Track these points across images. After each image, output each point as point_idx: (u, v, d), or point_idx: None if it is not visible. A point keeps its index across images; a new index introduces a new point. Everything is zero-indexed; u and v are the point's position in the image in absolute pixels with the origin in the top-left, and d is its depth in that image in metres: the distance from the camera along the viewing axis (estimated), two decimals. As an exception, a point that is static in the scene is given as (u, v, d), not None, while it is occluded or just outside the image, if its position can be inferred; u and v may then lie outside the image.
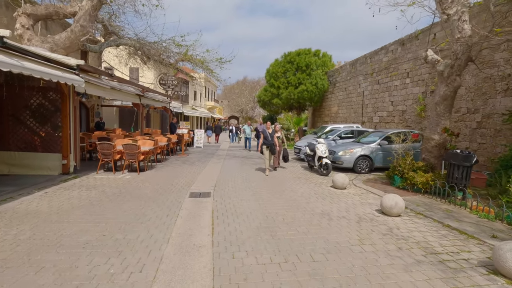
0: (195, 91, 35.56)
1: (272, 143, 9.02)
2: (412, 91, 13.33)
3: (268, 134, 9.06)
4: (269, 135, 9.04)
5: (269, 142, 9.01)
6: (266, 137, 9.03)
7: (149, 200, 5.77)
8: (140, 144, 9.30)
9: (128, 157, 8.32)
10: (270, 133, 9.12)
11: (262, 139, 9.11)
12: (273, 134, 9.21)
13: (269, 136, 9.04)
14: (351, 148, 9.53)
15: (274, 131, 9.38)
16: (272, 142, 9.04)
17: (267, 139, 9.02)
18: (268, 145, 9.02)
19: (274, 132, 9.32)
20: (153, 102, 15.00)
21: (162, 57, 12.92)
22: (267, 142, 9.03)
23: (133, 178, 7.85)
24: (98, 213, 4.90)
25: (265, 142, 9.06)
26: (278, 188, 7.14)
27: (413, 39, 13.33)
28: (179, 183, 7.48)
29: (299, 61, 22.04)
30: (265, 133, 9.06)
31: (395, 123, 14.51)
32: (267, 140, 9.03)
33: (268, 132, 9.09)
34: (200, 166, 10.32)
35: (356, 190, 7.09)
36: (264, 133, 9.05)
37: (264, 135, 9.05)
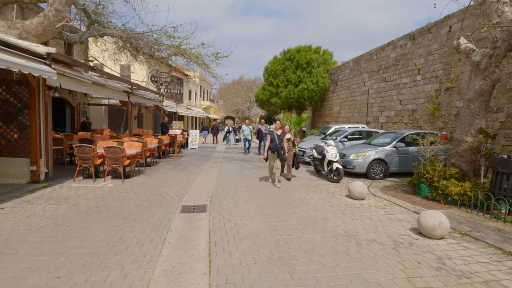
0: (189, 90, 34.38)
1: (281, 147, 7.32)
2: (424, 89, 12.40)
3: (276, 136, 7.38)
4: (277, 138, 7.36)
5: (277, 146, 7.29)
6: (273, 140, 7.38)
7: (131, 217, 4.67)
8: (126, 146, 8.18)
9: (111, 162, 7.20)
10: (279, 135, 7.43)
11: (269, 142, 7.41)
12: (282, 136, 7.47)
13: (277, 138, 7.34)
14: (364, 151, 8.52)
15: (284, 132, 7.67)
16: (281, 146, 7.35)
17: (274, 142, 7.38)
18: (275, 150, 7.33)
19: (283, 134, 7.58)
20: (143, 100, 13.85)
21: (152, 50, 11.78)
22: (273, 145, 7.36)
23: (116, 187, 6.73)
24: (61, 239, 3.79)
25: (272, 147, 7.37)
26: (286, 199, 6.08)
27: (425, 32, 12.40)
28: (169, 193, 6.38)
29: (299, 58, 21.05)
30: (273, 135, 7.37)
31: (404, 123, 13.58)
32: (273, 143, 7.39)
33: (276, 133, 7.42)
34: (194, 171, 9.22)
35: (377, 201, 6.07)
36: (271, 135, 7.39)
37: (271, 137, 7.39)
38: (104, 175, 7.32)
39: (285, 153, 7.41)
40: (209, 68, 12.92)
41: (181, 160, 11.70)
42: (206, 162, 11.48)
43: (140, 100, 13.39)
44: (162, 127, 13.86)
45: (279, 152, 7.26)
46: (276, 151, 7.31)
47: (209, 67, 12.89)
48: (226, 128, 21.30)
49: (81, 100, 15.90)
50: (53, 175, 7.15)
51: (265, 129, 13.39)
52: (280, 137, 7.41)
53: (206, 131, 24.42)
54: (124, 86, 11.43)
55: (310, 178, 8.53)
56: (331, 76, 20.90)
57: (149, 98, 14.45)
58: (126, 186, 6.89)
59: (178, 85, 27.15)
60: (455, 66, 10.86)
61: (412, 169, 8.71)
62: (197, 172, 9.13)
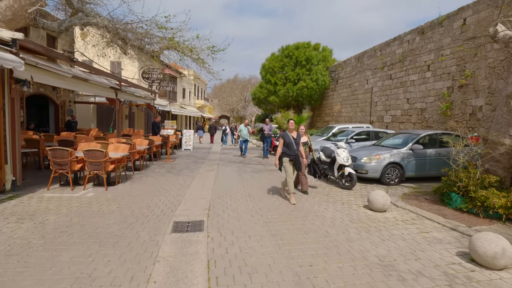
0: (183, 89, 33.29)
1: (297, 153, 5.81)
2: (434, 86, 11.64)
3: (292, 140, 5.77)
4: (293, 142, 5.77)
5: (294, 153, 5.75)
6: (288, 145, 5.77)
7: (109, 241, 3.72)
8: (111, 149, 7.21)
9: (92, 168, 6.22)
10: (295, 138, 5.83)
11: (282, 147, 5.85)
12: (298, 140, 5.91)
13: (293, 142, 5.76)
14: (378, 154, 7.69)
15: (299, 135, 6.06)
16: (298, 152, 5.83)
17: (290, 148, 5.77)
18: (292, 157, 5.77)
19: (300, 138, 6.00)
20: (133, 98, 12.83)
21: (143, 43, 10.78)
22: (291, 152, 5.76)
23: (96, 197, 5.75)
24: (7, 278, 2.83)
25: (288, 153, 5.78)
26: (296, 212, 5.20)
27: (435, 26, 11.64)
28: (159, 204, 5.44)
29: (298, 55, 20.22)
30: (288, 138, 5.78)
31: (411, 123, 12.82)
32: (290, 149, 5.77)
33: (291, 136, 5.82)
34: (188, 176, 8.28)
35: (401, 213, 5.22)
36: (285, 139, 5.80)
37: (285, 141, 5.80)
38: (84, 182, 6.33)
39: (302, 160, 6.08)
40: (204, 63, 11.95)
41: (174, 163, 10.73)
42: (202, 165, 10.54)
43: (130, 98, 12.36)
44: (154, 127, 12.87)
45: (296, 160, 5.76)
46: (295, 158, 5.77)
47: (204, 62, 11.93)
48: (223, 128, 20.30)
49: (67, 97, 14.79)
50: (23, 183, 6.14)
51: (269, 130, 12.37)
52: (296, 141, 5.85)
53: (201, 130, 23.48)
54: (111, 82, 10.41)
55: (319, 184, 7.66)
56: (331, 73, 20.10)
57: (140, 95, 13.43)
58: (109, 195, 5.91)
59: (171, 82, 26.08)
60: (470, 62, 10.12)
61: (430, 174, 7.96)
62: (192, 177, 8.19)
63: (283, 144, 5.86)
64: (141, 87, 14.43)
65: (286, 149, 5.81)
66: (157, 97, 20.66)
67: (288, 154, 5.81)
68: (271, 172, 9.34)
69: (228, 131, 19.64)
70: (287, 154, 5.81)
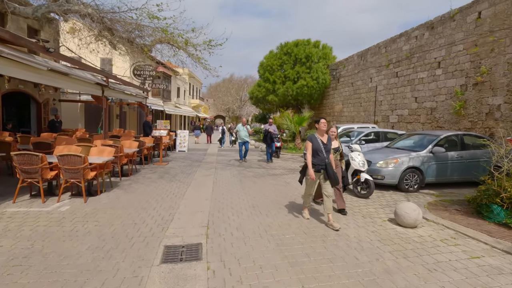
0: (178, 88, 32.25)
1: (328, 162, 4.52)
2: (446, 84, 10.93)
3: (322, 145, 4.51)
4: (322, 148, 4.49)
5: (323, 162, 4.49)
6: (316, 152, 4.51)
7: (75, 280, 2.81)
8: (94, 153, 6.27)
9: (68, 175, 5.27)
10: (325, 144, 4.55)
11: (310, 154, 4.54)
12: (329, 145, 4.61)
13: (322, 149, 4.48)
14: (395, 157, 6.89)
15: (330, 139, 4.75)
16: (328, 161, 4.54)
17: (317, 156, 4.50)
18: (322, 167, 4.50)
19: (330, 142, 4.70)
20: (123, 95, 11.85)
21: (132, 36, 9.83)
22: (318, 161, 4.50)
23: (72, 212, 4.82)
24: None
25: (317, 162, 4.51)
26: (313, 229, 4.34)
27: (446, 20, 10.92)
28: (147, 220, 4.53)
29: (298, 52, 19.42)
30: (316, 142, 4.52)
31: (420, 123, 12.10)
32: (318, 157, 4.51)
33: (320, 140, 4.54)
34: (183, 183, 7.37)
35: (436, 230, 4.41)
36: (313, 143, 4.54)
37: (313, 146, 4.54)
38: (59, 193, 5.37)
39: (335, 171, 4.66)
40: (200, 59, 11.04)
41: (168, 167, 9.80)
42: (198, 168, 9.62)
43: (119, 95, 11.39)
44: (145, 127, 11.91)
45: (329, 171, 4.44)
46: (325, 169, 4.50)
47: (200, 58, 11.01)
48: (220, 128, 19.33)
49: (50, 95, 13.72)
50: (-15, 194, 5.18)
51: (275, 130, 11.39)
52: (327, 147, 4.53)
53: (198, 130, 22.61)
54: (97, 78, 9.42)
55: (329, 192, 6.81)
56: (332, 72, 19.35)
57: (130, 93, 12.43)
58: (87, 209, 4.98)
59: (165, 81, 25.07)
60: (486, 58, 9.41)
61: (452, 179, 7.20)
62: (187, 183, 7.29)
63: (311, 149, 4.56)
64: (133, 85, 13.44)
65: (317, 156, 4.55)
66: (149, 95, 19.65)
67: (314, 163, 4.51)
68: (274, 177, 8.49)
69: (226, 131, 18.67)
70: (313, 164, 4.53)
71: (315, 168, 4.52)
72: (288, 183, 7.59)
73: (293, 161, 12.11)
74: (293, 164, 11.21)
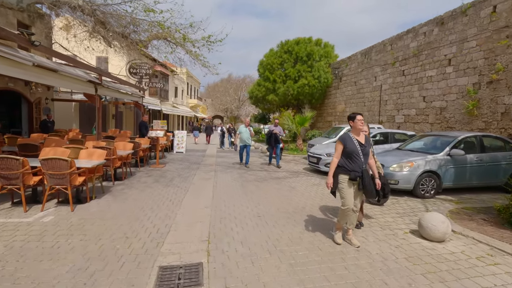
0: (176, 87, 31.67)
1: (366, 168, 3.71)
2: (457, 83, 10.45)
3: (358, 146, 3.67)
4: (359, 150, 3.66)
5: (361, 168, 3.66)
6: (351, 155, 3.66)
7: (50, 315, 2.28)
8: (83, 155, 5.73)
9: (53, 181, 4.73)
10: (363, 145, 3.71)
11: (339, 156, 3.75)
12: (368, 147, 3.78)
13: (360, 151, 3.66)
14: (410, 160, 6.39)
15: (368, 139, 3.94)
16: (366, 166, 3.74)
17: (354, 160, 3.66)
18: (359, 175, 3.66)
19: (369, 143, 3.89)
20: (118, 94, 11.30)
21: (127, 30, 9.29)
22: (355, 166, 3.65)
23: (56, 223, 4.28)
24: None
25: (349, 168, 3.67)
26: (330, 245, 3.83)
27: (458, 15, 10.44)
28: (141, 233, 4.00)
29: (299, 50, 18.92)
30: (350, 143, 3.68)
31: (428, 124, 11.62)
32: (354, 161, 3.66)
33: (356, 141, 3.69)
34: (180, 188, 6.83)
35: (468, 244, 3.91)
36: (346, 144, 3.68)
37: (346, 148, 3.68)
38: (43, 201, 4.82)
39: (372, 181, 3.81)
40: (198, 56, 10.51)
41: (165, 170, 9.25)
42: (196, 171, 9.09)
43: (114, 94, 10.84)
44: (141, 128, 11.35)
45: (366, 180, 3.63)
46: (361, 177, 3.65)
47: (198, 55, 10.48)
48: (219, 129, 18.75)
49: (43, 94, 13.13)
50: (-41, 203, 4.63)
51: (280, 132, 10.56)
52: (365, 149, 3.69)
53: (197, 130, 22.08)
54: (90, 76, 8.87)
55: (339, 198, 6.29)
56: (334, 70, 18.85)
57: (126, 92, 11.88)
58: (74, 219, 4.44)
59: (162, 80, 24.51)
60: (502, 54, 8.93)
61: (471, 184, 6.71)
62: (185, 188, 6.75)
63: (342, 152, 3.71)
64: (129, 83, 12.89)
65: (346, 161, 3.68)
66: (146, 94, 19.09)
67: (349, 170, 3.64)
68: (277, 180, 7.97)
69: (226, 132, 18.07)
70: (347, 170, 3.65)
71: (351, 176, 3.63)
72: (293, 188, 7.08)
73: (296, 163, 11.60)
74: (296, 167, 10.70)
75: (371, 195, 3.79)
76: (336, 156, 3.76)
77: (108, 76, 10.31)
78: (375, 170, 3.90)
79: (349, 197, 3.68)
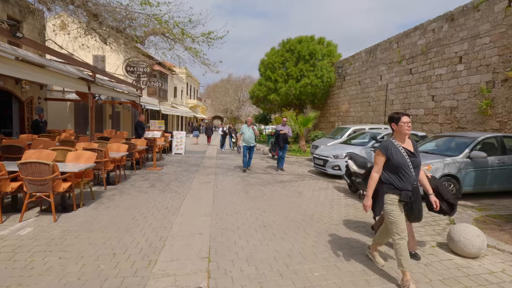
0: (175, 87, 31.16)
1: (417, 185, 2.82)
2: (469, 81, 9.96)
3: (408, 157, 2.77)
4: (409, 161, 2.76)
5: (412, 186, 2.77)
6: (399, 168, 2.76)
7: None
8: (70, 158, 5.21)
9: (33, 189, 4.21)
10: (412, 154, 2.81)
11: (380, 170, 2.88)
12: (419, 157, 2.85)
13: (410, 163, 2.76)
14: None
15: (416, 147, 2.92)
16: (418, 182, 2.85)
17: (403, 175, 2.76)
18: (408, 194, 2.76)
19: (418, 151, 2.89)
20: (113, 93, 10.76)
21: (122, 25, 8.79)
22: (406, 184, 2.76)
23: (34, 236, 3.75)
24: None
25: (399, 186, 2.78)
26: (349, 261, 3.31)
27: (469, 11, 9.96)
28: (130, 248, 3.48)
29: (301, 49, 18.43)
30: (397, 153, 2.78)
31: (438, 124, 11.13)
32: (404, 177, 2.77)
33: (404, 150, 2.80)
34: (178, 193, 6.31)
35: (507, 262, 3.40)
36: (392, 154, 2.78)
37: (392, 159, 2.78)
38: (22, 210, 4.29)
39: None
40: (198, 53, 10.02)
41: (162, 172, 8.73)
42: (195, 174, 8.57)
43: (108, 93, 10.31)
44: (137, 128, 10.84)
45: (417, 202, 2.80)
46: (412, 198, 2.78)
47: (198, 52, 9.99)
48: (220, 129, 18.18)
49: (35, 93, 12.61)
50: None
51: (289, 132, 9.68)
52: (416, 161, 2.82)
53: (197, 131, 21.59)
54: (83, 73, 8.34)
55: (352, 204, 5.79)
56: (338, 69, 18.35)
57: (122, 91, 11.36)
58: (55, 231, 3.92)
59: (161, 79, 24.01)
60: (518, 50, 8.45)
61: (492, 188, 6.20)
62: (183, 193, 6.23)
63: (385, 166, 2.85)
64: (125, 82, 12.37)
65: (393, 176, 2.81)
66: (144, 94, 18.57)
67: (400, 188, 2.77)
68: (283, 184, 7.46)
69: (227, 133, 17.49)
70: (396, 188, 2.79)
71: (402, 196, 2.76)
72: (300, 193, 6.56)
73: (299, 165, 11.09)
74: (300, 169, 10.19)
75: (417, 219, 2.89)
76: (377, 170, 2.89)
77: (102, 73, 9.80)
78: (427, 184, 3.01)
79: (402, 222, 2.81)
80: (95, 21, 7.75)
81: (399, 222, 2.80)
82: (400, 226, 2.80)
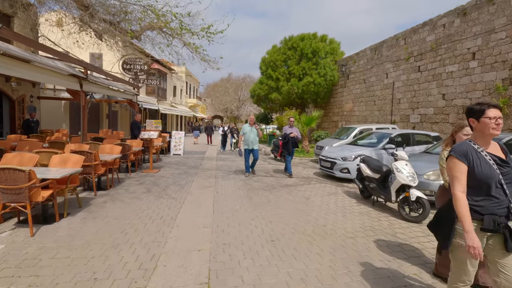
0: (174, 86, 30.61)
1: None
2: (483, 78, 9.43)
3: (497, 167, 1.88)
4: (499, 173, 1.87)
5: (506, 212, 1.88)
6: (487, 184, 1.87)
7: None
8: (54, 163, 4.68)
9: (7, 198, 3.67)
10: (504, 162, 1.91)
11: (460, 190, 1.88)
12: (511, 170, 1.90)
13: (501, 176, 1.87)
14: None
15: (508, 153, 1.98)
16: None
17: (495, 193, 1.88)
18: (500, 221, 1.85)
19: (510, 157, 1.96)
20: (108, 91, 10.22)
21: (117, 18, 8.26)
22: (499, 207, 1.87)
23: (4, 256, 3.22)
24: None
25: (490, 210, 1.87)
26: None
27: (483, 5, 9.43)
28: (115, 272, 2.95)
29: (304, 47, 17.90)
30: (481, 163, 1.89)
31: (449, 124, 10.60)
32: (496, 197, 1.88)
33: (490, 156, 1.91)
34: (175, 200, 5.78)
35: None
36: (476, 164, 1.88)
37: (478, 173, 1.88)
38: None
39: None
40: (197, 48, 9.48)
41: (158, 175, 8.20)
42: (194, 177, 8.04)
43: (102, 91, 9.76)
44: (133, 128, 10.31)
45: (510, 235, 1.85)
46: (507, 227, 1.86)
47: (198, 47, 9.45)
48: (221, 129, 17.62)
49: (27, 91, 12.06)
50: None
51: (298, 133, 8.71)
52: (510, 173, 1.90)
53: (197, 131, 21.08)
54: (74, 70, 7.79)
55: (366, 212, 5.26)
56: (341, 68, 17.82)
57: (117, 89, 10.82)
58: (30, 249, 3.38)
59: (159, 78, 23.46)
60: (538, 45, 7.92)
61: None
62: (180, 200, 5.70)
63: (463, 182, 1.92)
64: (121, 80, 11.83)
65: (476, 199, 1.93)
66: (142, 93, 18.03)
67: (481, 212, 1.90)
68: (288, 189, 6.93)
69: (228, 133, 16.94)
70: (476, 212, 1.91)
71: (484, 223, 1.87)
72: (308, 199, 6.03)
73: (304, 167, 10.56)
74: (305, 171, 9.66)
75: None
76: (461, 188, 1.90)
77: (95, 70, 9.26)
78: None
79: (470, 266, 1.94)
80: (85, 12, 7.19)
81: (468, 264, 1.93)
82: (466, 269, 1.94)
